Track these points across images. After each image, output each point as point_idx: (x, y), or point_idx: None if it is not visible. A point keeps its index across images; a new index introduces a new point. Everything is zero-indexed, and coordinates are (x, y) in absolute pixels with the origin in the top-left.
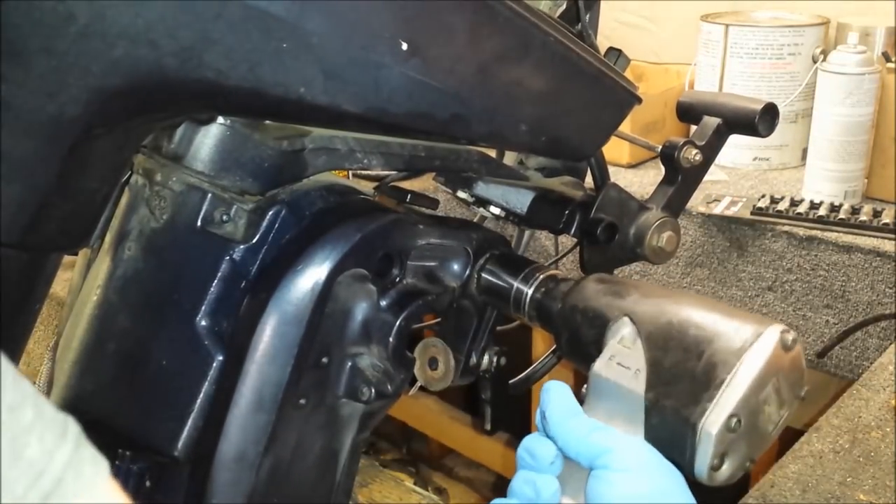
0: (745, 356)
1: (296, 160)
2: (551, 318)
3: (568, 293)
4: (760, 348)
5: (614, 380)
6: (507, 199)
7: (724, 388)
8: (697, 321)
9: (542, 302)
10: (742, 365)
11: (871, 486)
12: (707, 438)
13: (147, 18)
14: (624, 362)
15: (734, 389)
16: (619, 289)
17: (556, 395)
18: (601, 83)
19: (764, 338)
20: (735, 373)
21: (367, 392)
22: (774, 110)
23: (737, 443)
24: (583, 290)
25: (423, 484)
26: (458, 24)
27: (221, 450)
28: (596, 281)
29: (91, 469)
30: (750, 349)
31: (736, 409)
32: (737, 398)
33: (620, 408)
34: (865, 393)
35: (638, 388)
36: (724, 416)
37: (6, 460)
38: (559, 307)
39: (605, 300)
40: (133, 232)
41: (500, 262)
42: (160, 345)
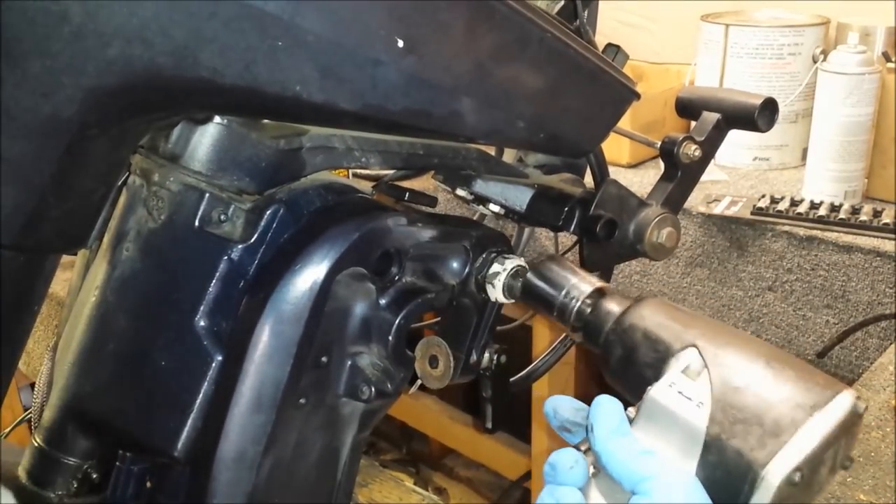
0: (818, 413)
1: (293, 159)
2: (599, 335)
3: (625, 312)
4: (834, 409)
5: (673, 408)
6: (507, 197)
7: (795, 441)
8: (771, 370)
9: (591, 316)
10: (814, 421)
11: (871, 487)
12: (768, 485)
13: (141, 17)
14: (686, 392)
15: (804, 443)
16: (684, 317)
17: (606, 411)
18: (600, 79)
19: (839, 399)
20: (807, 428)
21: (367, 391)
22: (774, 105)
23: (790, 498)
24: (646, 312)
25: (424, 484)
26: (455, 21)
27: (221, 450)
28: (659, 304)
29: None
30: (824, 407)
31: (802, 464)
32: (805, 452)
33: (674, 437)
34: (865, 393)
35: (699, 421)
36: (790, 467)
37: None
38: (612, 325)
39: (672, 327)
40: (131, 232)
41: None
42: (159, 345)
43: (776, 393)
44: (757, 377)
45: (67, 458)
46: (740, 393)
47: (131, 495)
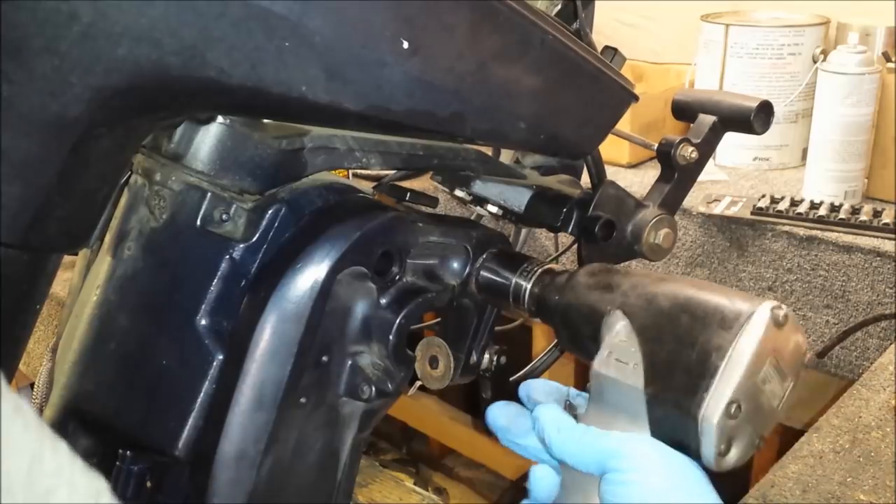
0: (736, 340)
1: (295, 159)
2: (552, 313)
3: (563, 287)
4: (752, 330)
5: (614, 376)
6: (505, 198)
7: (720, 376)
8: (688, 307)
9: (542, 297)
10: (735, 349)
11: (871, 487)
12: (708, 428)
13: (150, 17)
14: (622, 357)
15: (730, 376)
16: (609, 280)
17: (545, 417)
18: (599, 81)
19: (755, 318)
20: (729, 358)
21: (367, 390)
22: (769, 108)
23: (741, 427)
24: (575, 284)
25: (423, 484)
26: (459, 23)
27: (222, 449)
28: (587, 274)
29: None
30: (741, 332)
31: (734, 395)
32: (734, 384)
33: (623, 404)
34: (865, 393)
35: (637, 382)
36: (722, 404)
37: None
38: (556, 299)
39: (597, 294)
40: (133, 232)
41: (497, 259)
42: (160, 344)
43: (694, 330)
44: (676, 320)
45: None
46: (663, 341)
47: (132, 495)
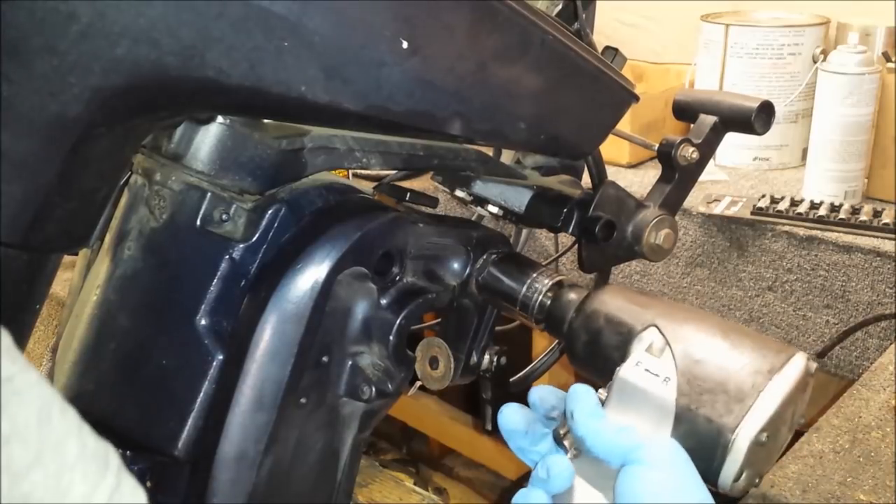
0: (776, 376)
1: (295, 159)
2: (562, 325)
3: (586, 299)
4: (790, 371)
5: (642, 385)
6: (506, 198)
7: (758, 404)
8: (728, 339)
9: (552, 309)
10: (773, 384)
11: (871, 487)
12: (740, 447)
13: (149, 17)
14: (652, 369)
15: (766, 406)
16: (642, 300)
17: (582, 397)
18: (600, 81)
19: (793, 362)
20: (768, 391)
21: (367, 391)
22: (770, 108)
23: (759, 457)
24: (605, 297)
25: (423, 484)
26: (459, 23)
27: (222, 449)
28: (617, 290)
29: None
30: (781, 370)
31: (766, 425)
32: (768, 414)
33: (646, 413)
34: (865, 393)
35: (668, 394)
36: (757, 428)
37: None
38: (574, 312)
39: (631, 309)
40: (133, 232)
41: (505, 263)
42: (160, 344)
43: (735, 361)
44: (716, 349)
45: None
46: (702, 365)
47: None
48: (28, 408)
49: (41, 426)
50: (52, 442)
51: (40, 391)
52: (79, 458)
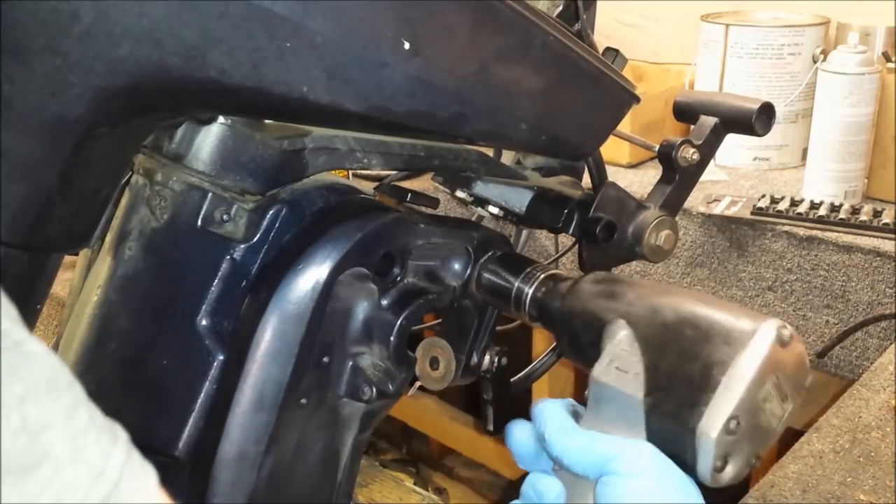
0: (739, 357)
1: (296, 160)
2: (552, 318)
3: (566, 294)
4: (756, 347)
5: (613, 385)
6: (506, 199)
7: (722, 391)
8: (693, 321)
9: (544, 302)
10: (738, 365)
11: (871, 487)
12: (706, 442)
13: (151, 17)
14: (622, 366)
15: (731, 391)
16: (614, 289)
17: (549, 414)
18: (601, 82)
19: (759, 336)
20: (731, 374)
21: (368, 391)
22: (771, 110)
23: (739, 443)
24: (579, 291)
25: (423, 484)
26: (461, 24)
27: (223, 449)
28: (591, 282)
29: (142, 473)
30: (745, 349)
31: (734, 412)
32: (734, 400)
33: (621, 413)
34: (865, 393)
35: (637, 392)
36: (722, 419)
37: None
38: (558, 306)
39: (600, 303)
40: (133, 232)
41: (500, 261)
42: (161, 345)
43: (698, 344)
44: (679, 332)
45: None
46: (666, 353)
47: None
48: (38, 374)
49: (50, 392)
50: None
51: (49, 360)
52: (90, 425)
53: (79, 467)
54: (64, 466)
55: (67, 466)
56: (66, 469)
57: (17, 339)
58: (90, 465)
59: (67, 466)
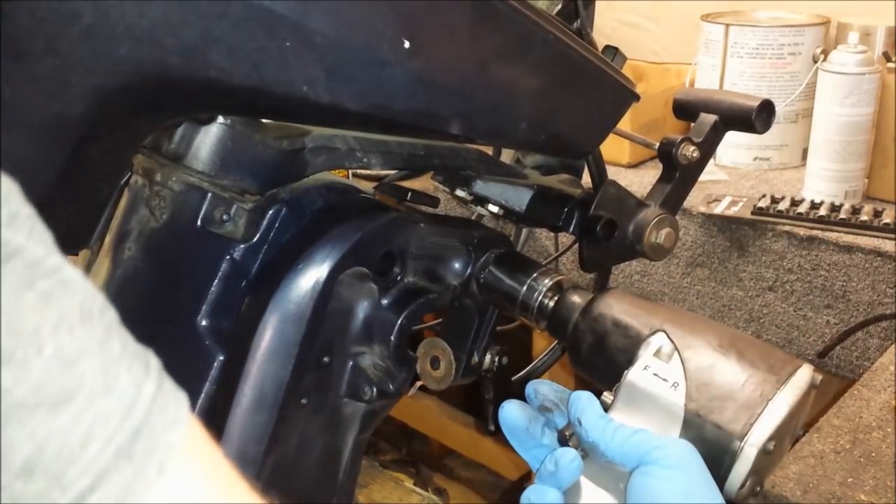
0: (784, 386)
1: (296, 159)
2: (565, 327)
3: (592, 302)
4: (797, 383)
5: (650, 390)
6: (506, 198)
7: (767, 412)
8: (735, 348)
9: (554, 311)
10: (782, 394)
11: (871, 487)
12: (747, 457)
13: (151, 17)
14: (661, 374)
15: (774, 414)
16: (648, 305)
17: (588, 403)
18: (601, 81)
19: (800, 373)
20: (777, 400)
21: (368, 391)
22: (771, 107)
23: (765, 465)
24: (612, 301)
25: (424, 484)
26: (461, 23)
27: (223, 450)
28: (624, 294)
29: (174, 403)
30: (789, 380)
31: (773, 434)
32: (776, 422)
33: (654, 417)
34: (866, 393)
35: (677, 399)
36: (765, 437)
37: (101, 391)
38: (580, 315)
39: (638, 314)
40: (133, 232)
41: (503, 263)
42: (161, 345)
43: (744, 370)
44: (724, 356)
45: None
46: (711, 372)
47: None
48: (72, 301)
49: (84, 320)
50: (96, 336)
51: (84, 285)
52: (122, 354)
53: (111, 399)
54: (96, 397)
55: (100, 398)
56: (99, 400)
57: (53, 265)
58: (122, 397)
59: (100, 398)
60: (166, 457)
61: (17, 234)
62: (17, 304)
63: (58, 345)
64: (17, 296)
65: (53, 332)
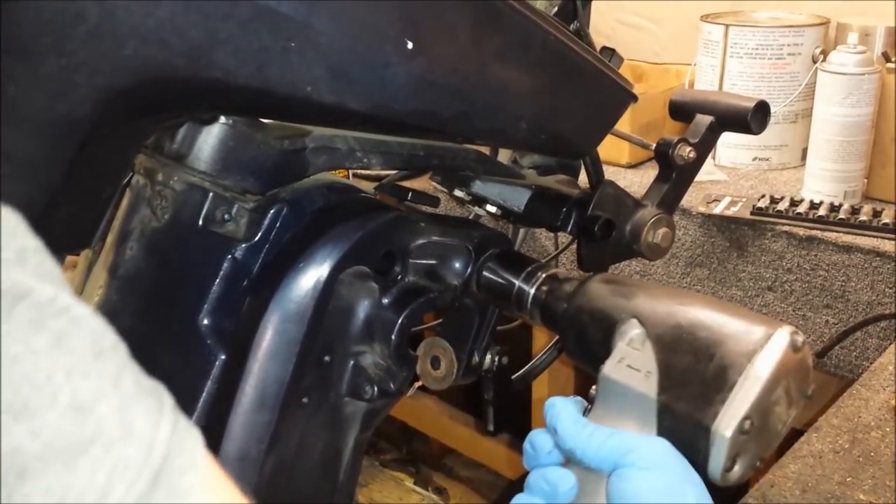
0: (756, 358)
1: (297, 159)
2: (555, 318)
3: (573, 293)
4: (771, 350)
5: (625, 382)
6: (505, 198)
7: (737, 391)
8: (706, 322)
9: (546, 301)
10: (754, 367)
11: (870, 486)
12: (721, 441)
13: (157, 18)
14: (634, 364)
15: (747, 392)
16: (625, 290)
17: (562, 408)
18: (599, 81)
19: (774, 339)
20: (747, 375)
21: (369, 390)
22: (766, 108)
23: (749, 444)
24: (589, 290)
25: (424, 484)
26: (463, 23)
27: (224, 449)
28: (602, 281)
29: (191, 442)
30: (761, 351)
31: (749, 412)
32: (750, 401)
33: (631, 410)
34: (865, 393)
35: (649, 390)
36: (737, 418)
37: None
38: (564, 307)
39: (613, 301)
40: (135, 232)
41: (500, 260)
42: (163, 344)
43: (713, 345)
44: (693, 333)
45: None
46: (679, 352)
47: None
48: (84, 340)
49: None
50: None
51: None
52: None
53: (129, 444)
54: (114, 444)
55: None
56: (117, 447)
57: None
58: (139, 441)
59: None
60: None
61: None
62: (29, 349)
63: (73, 392)
64: (29, 340)
65: (67, 378)
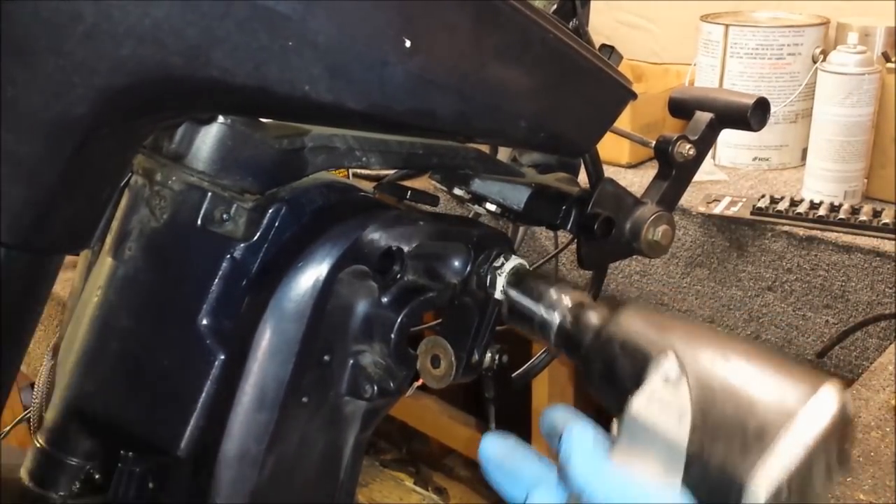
0: (802, 416)
1: (295, 159)
2: (579, 349)
3: (604, 324)
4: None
5: (653, 422)
6: (504, 196)
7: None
8: (750, 370)
9: (572, 333)
10: (798, 426)
11: (870, 486)
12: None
13: (154, 17)
14: (666, 402)
15: (789, 454)
16: (662, 322)
17: (580, 439)
18: (599, 79)
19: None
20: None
21: (369, 389)
22: (766, 105)
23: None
24: (622, 321)
25: (424, 484)
26: (461, 22)
27: (224, 449)
28: (636, 312)
29: None
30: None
31: (789, 478)
32: (790, 466)
33: (657, 453)
34: (865, 393)
35: (680, 436)
36: (775, 484)
37: None
38: (591, 339)
39: (648, 333)
40: (133, 232)
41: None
42: (162, 344)
43: (756, 396)
44: (736, 380)
45: (70, 458)
46: (719, 398)
47: (134, 496)
48: None
49: None
50: None
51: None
52: None
53: None
54: None
55: None
56: None
57: None
58: None
59: None
60: None
61: None
62: None
63: None
64: None
65: None
